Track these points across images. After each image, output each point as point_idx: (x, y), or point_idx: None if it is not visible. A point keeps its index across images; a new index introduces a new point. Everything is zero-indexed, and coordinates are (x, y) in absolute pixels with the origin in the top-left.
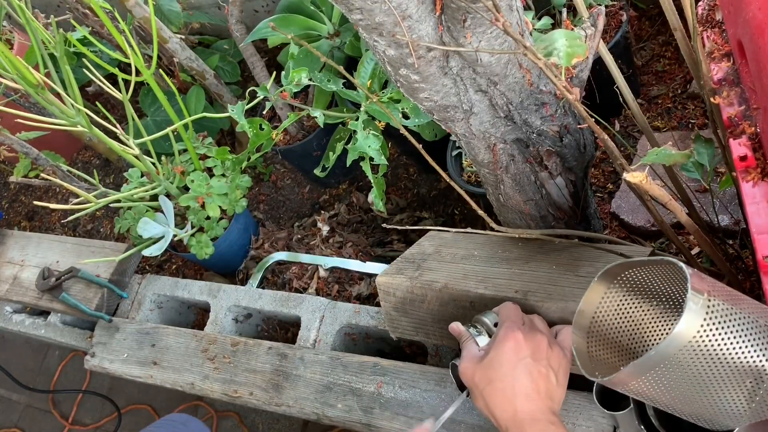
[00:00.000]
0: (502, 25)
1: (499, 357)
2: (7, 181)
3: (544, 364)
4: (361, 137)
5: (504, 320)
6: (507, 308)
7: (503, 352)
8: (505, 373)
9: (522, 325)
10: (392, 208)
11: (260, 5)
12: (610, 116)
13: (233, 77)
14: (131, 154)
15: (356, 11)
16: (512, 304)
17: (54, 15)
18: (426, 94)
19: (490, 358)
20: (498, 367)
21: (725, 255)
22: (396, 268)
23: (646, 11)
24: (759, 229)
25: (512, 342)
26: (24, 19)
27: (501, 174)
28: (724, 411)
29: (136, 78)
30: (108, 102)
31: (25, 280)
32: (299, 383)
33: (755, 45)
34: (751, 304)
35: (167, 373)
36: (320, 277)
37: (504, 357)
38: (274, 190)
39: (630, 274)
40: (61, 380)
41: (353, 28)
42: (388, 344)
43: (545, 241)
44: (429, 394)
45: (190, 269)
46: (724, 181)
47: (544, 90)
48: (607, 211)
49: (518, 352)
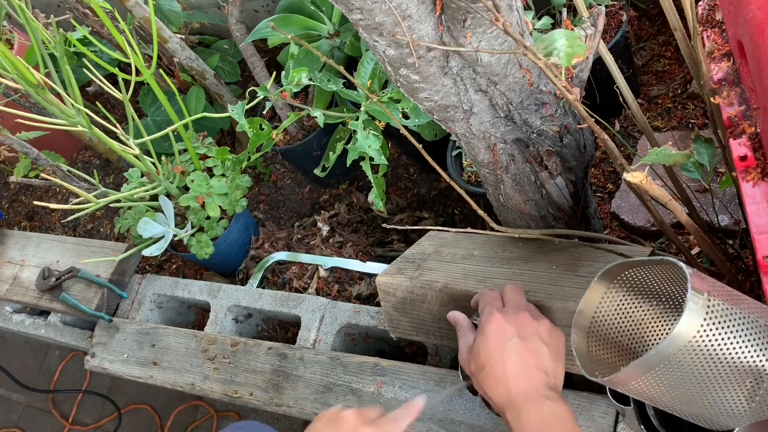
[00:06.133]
0: (502, 25)
1: (485, 342)
2: (7, 181)
3: (532, 339)
4: (361, 137)
5: (484, 306)
6: (484, 294)
7: (488, 337)
8: (495, 357)
9: (503, 307)
10: (392, 208)
11: (260, 5)
12: (610, 116)
13: (233, 77)
14: (131, 154)
15: (356, 11)
16: (489, 290)
17: (54, 15)
18: (426, 94)
19: (477, 344)
20: (486, 352)
21: (725, 255)
22: (396, 268)
23: (646, 11)
24: (759, 229)
25: (495, 324)
26: (24, 19)
27: (501, 174)
28: (724, 411)
29: (136, 78)
30: (108, 102)
31: (25, 280)
32: (299, 383)
33: (755, 45)
34: (751, 304)
35: (167, 374)
36: (320, 277)
37: (490, 341)
38: (274, 190)
39: (630, 274)
40: (61, 380)
41: (353, 28)
42: (388, 344)
43: (545, 241)
44: (429, 394)
45: (190, 269)
46: (724, 181)
47: (544, 90)
48: (607, 211)
49: (503, 334)
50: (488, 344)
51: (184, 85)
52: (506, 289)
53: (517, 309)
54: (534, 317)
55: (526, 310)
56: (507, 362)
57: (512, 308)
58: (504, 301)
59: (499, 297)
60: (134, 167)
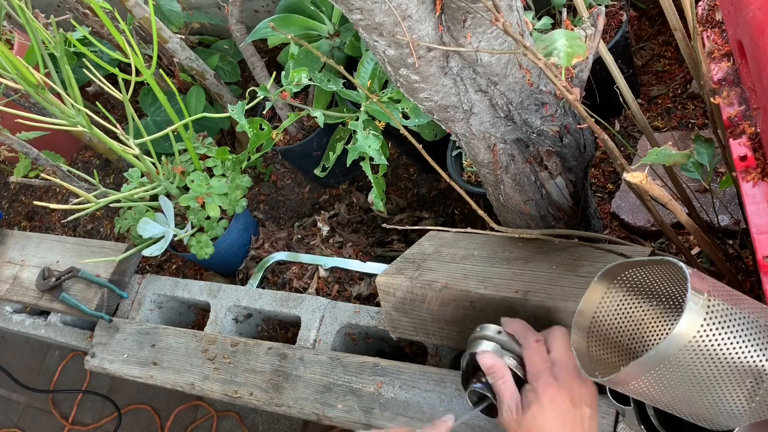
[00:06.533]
0: (502, 25)
1: (540, 408)
2: (7, 181)
3: (581, 406)
4: (361, 137)
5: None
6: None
7: (543, 404)
8: (548, 425)
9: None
10: (392, 208)
11: (260, 5)
12: (610, 116)
13: (233, 77)
14: (131, 154)
15: (356, 11)
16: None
17: (54, 15)
18: (426, 94)
19: (530, 406)
20: (541, 416)
21: (725, 255)
22: (396, 268)
23: (646, 11)
24: (759, 229)
25: (551, 392)
26: (24, 19)
27: (501, 174)
28: (724, 411)
29: (136, 78)
30: (108, 102)
31: (25, 280)
32: (299, 383)
33: (755, 45)
34: (751, 304)
35: (167, 374)
36: (320, 277)
37: (545, 408)
38: (274, 190)
39: (630, 274)
40: (61, 380)
41: (353, 28)
42: (388, 344)
43: (545, 241)
44: (429, 395)
45: (190, 269)
46: (724, 181)
47: (544, 90)
48: (607, 211)
49: (558, 403)
50: (543, 410)
51: (184, 85)
52: (554, 341)
53: (569, 374)
54: (582, 380)
55: (576, 372)
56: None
57: (564, 371)
58: (551, 352)
59: (543, 347)
60: (134, 167)
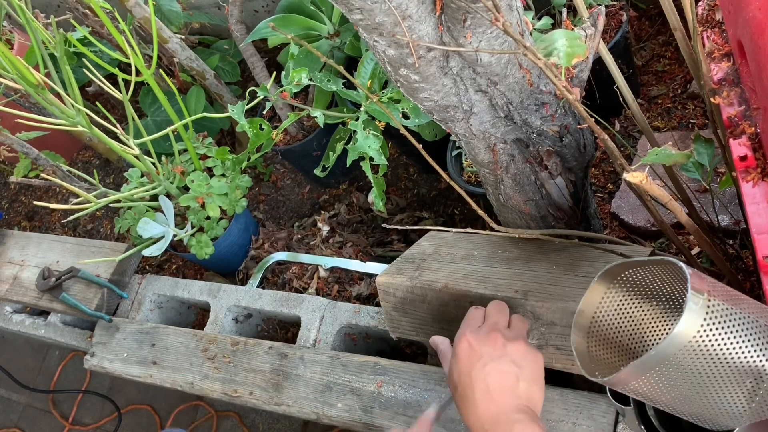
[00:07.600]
0: (502, 25)
1: (456, 365)
2: (7, 181)
3: (503, 361)
4: (361, 137)
5: (462, 326)
6: (467, 315)
7: (458, 359)
8: (464, 380)
9: (479, 328)
10: (392, 208)
11: (260, 5)
12: (610, 116)
13: (233, 77)
14: (131, 154)
15: (356, 11)
16: (474, 309)
17: (54, 15)
18: (426, 94)
19: (450, 366)
20: (457, 374)
21: (725, 255)
22: (396, 268)
23: (646, 11)
24: (759, 229)
25: (464, 346)
26: (24, 19)
27: (501, 174)
28: (724, 411)
29: (136, 78)
30: (108, 102)
31: (25, 280)
32: (299, 383)
33: (755, 45)
34: (751, 304)
35: (167, 373)
36: (320, 277)
37: (460, 364)
38: (274, 190)
39: (630, 274)
40: (61, 380)
41: (353, 28)
42: (388, 344)
43: (545, 241)
44: (429, 394)
45: (190, 269)
46: (724, 181)
47: (544, 90)
48: (607, 211)
49: (471, 356)
50: (459, 367)
51: (184, 85)
52: (489, 307)
53: (492, 329)
54: (507, 338)
55: (499, 330)
56: (475, 385)
57: (486, 328)
58: (485, 320)
59: (481, 316)
60: (134, 167)
